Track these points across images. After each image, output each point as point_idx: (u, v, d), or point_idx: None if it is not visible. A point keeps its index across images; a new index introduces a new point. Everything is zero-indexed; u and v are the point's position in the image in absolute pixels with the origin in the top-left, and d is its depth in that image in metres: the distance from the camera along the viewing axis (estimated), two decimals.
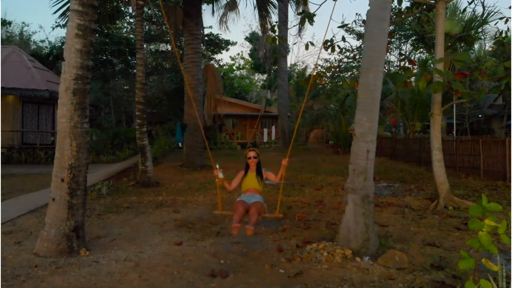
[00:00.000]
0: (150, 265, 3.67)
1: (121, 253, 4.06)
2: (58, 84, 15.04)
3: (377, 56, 3.66)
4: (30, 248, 4.18)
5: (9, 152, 15.40)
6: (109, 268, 3.60)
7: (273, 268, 3.61)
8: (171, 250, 4.19)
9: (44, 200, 7.09)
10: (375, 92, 3.70)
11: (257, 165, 4.33)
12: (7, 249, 4.19)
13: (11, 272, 3.49)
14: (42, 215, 6.07)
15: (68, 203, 3.90)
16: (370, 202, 3.78)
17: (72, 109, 3.87)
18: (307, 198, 7.69)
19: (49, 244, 3.87)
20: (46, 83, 17.17)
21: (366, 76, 3.70)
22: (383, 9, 3.73)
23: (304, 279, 3.32)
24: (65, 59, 3.89)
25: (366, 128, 3.70)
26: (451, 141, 13.48)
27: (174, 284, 3.22)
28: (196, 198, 7.60)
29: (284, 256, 3.93)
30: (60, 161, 3.92)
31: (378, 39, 3.65)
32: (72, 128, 3.88)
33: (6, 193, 7.78)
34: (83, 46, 3.86)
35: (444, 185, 6.71)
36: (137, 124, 9.01)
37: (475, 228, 1.98)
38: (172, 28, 13.90)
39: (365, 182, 3.76)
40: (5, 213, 5.89)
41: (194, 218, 5.81)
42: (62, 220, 3.88)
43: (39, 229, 4.99)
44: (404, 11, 7.55)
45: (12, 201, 6.99)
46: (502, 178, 9.94)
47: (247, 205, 4.00)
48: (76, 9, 3.85)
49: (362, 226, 3.78)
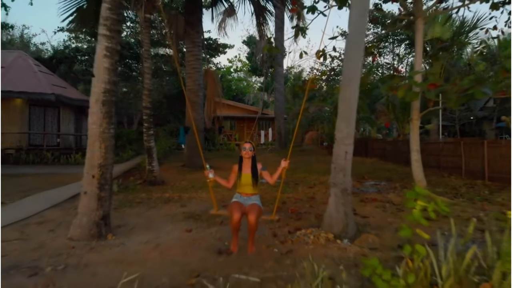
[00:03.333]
0: (168, 246, 4.45)
1: (142, 237, 4.84)
2: (63, 88, 16.04)
3: (353, 75, 4.46)
4: (63, 234, 4.94)
5: (17, 153, 16.08)
6: (134, 248, 4.38)
7: (269, 248, 4.39)
8: (183, 236, 4.97)
9: (62, 197, 7.88)
10: (352, 104, 4.50)
11: (252, 160, 4.15)
12: (43, 236, 4.95)
13: (54, 252, 4.26)
14: (64, 208, 6.84)
15: (97, 196, 4.67)
16: (348, 194, 4.58)
17: (101, 117, 4.64)
18: (300, 195, 8.48)
19: (81, 230, 4.64)
20: (52, 87, 17.87)
21: (345, 90, 4.51)
22: (359, 36, 4.53)
23: (293, 256, 4.11)
24: (95, 75, 4.67)
25: (345, 134, 4.51)
26: (437, 143, 14.34)
27: (189, 260, 4.00)
28: (200, 195, 8.39)
29: (278, 240, 4.72)
30: (90, 161, 4.69)
31: (354, 61, 4.46)
32: (101, 133, 4.66)
33: (26, 190, 8.53)
34: (110, 65, 4.64)
35: (421, 182, 7.53)
36: (144, 128, 9.77)
37: (410, 206, 2.78)
38: (173, 36, 14.68)
39: (344, 178, 4.57)
40: (32, 208, 6.65)
41: (199, 211, 6.59)
42: (93, 210, 4.65)
43: (66, 219, 5.78)
44: (388, 25, 8.37)
45: (34, 198, 7.74)
46: (481, 177, 10.78)
47: (244, 207, 4.00)
48: (104, 33, 4.63)
49: (342, 214, 4.59)
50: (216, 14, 16.93)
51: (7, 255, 4.14)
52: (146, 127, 9.69)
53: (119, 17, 4.70)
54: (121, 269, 3.46)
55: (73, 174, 11.71)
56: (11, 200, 7.42)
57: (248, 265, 3.78)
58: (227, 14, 16.85)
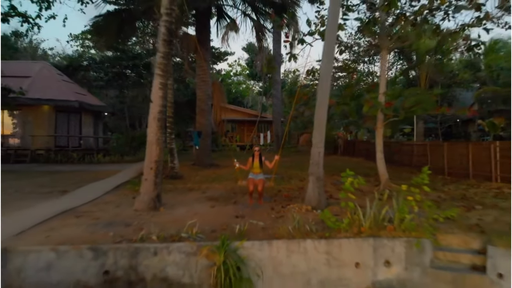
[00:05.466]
0: (202, 214, 6.77)
1: (182, 210, 7.17)
2: (84, 95, 19.25)
3: (324, 99, 6.79)
4: (127, 209, 7.24)
5: (47, 153, 18.36)
6: (181, 215, 6.70)
7: (268, 215, 6.73)
8: (209, 210, 7.30)
9: (108, 187, 10.18)
10: (322, 121, 6.84)
11: (259, 155, 7.41)
12: (114, 210, 7.24)
13: (129, 217, 6.55)
14: (115, 194, 9.16)
15: (154, 181, 7.00)
16: (320, 180, 6.92)
17: (156, 129, 6.97)
18: (292, 186, 10.79)
19: (143, 204, 6.96)
20: (75, 95, 20.18)
21: (318, 111, 6.86)
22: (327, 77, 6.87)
23: (283, 218, 6.44)
24: (152, 101, 6.99)
25: (318, 140, 6.84)
26: (410, 145, 16.73)
27: (219, 219, 6.31)
28: (214, 185, 10.71)
29: (274, 211, 7.06)
30: (149, 158, 7.00)
31: (324, 90, 6.80)
32: (156, 140, 6.98)
33: (75, 183, 10.80)
34: (163, 94, 6.97)
35: (384, 176, 9.88)
36: (167, 133, 12.06)
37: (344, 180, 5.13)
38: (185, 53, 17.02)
39: (318, 169, 6.91)
40: (91, 194, 8.92)
41: (217, 196, 8.92)
42: (151, 191, 6.98)
43: (122, 201, 8.11)
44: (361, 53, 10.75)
45: (87, 188, 10.04)
46: (442, 173, 13.15)
47: (255, 181, 7.28)
48: (158, 73, 6.95)
49: (316, 193, 6.93)
50: (220, 28, 19.26)
51: (99, 218, 6.46)
52: (169, 132, 12.01)
53: (168, 62, 7.02)
54: (179, 223, 5.79)
55: (102, 171, 14.03)
56: (70, 190, 9.72)
57: (255, 220, 6.13)
58: (230, 28, 19.21)
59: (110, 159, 18.03)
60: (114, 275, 4.65)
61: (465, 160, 12.34)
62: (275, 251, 4.94)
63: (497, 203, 7.98)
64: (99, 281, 4.61)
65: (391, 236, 5.20)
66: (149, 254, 4.73)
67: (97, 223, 6.08)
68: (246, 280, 4.65)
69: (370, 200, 5.89)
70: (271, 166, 7.37)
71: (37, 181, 11.57)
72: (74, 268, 4.62)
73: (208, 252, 4.62)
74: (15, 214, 6.58)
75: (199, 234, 5.18)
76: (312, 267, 4.92)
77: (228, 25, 18.88)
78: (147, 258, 4.72)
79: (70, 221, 6.25)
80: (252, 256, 4.84)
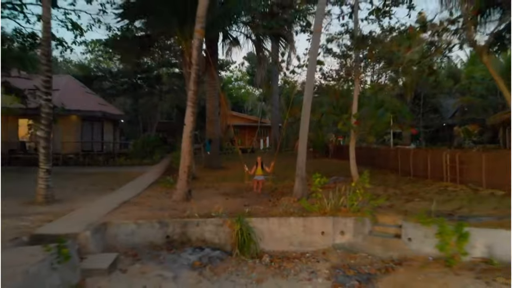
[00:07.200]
0: (220, 203, 9.71)
1: (206, 201, 10.10)
2: (106, 106, 23.60)
3: (306, 119, 9.78)
4: (167, 200, 10.20)
5: (76, 157, 21.30)
6: (205, 204, 9.63)
7: (266, 204, 9.70)
8: (225, 201, 10.25)
9: (144, 184, 13.14)
10: (305, 135, 9.82)
11: (261, 163, 10.48)
12: (158, 200, 10.20)
13: (170, 206, 9.49)
14: (152, 189, 12.13)
15: (186, 180, 9.97)
16: (304, 179, 9.90)
17: (188, 143, 9.95)
18: (286, 185, 13.73)
19: (179, 196, 9.93)
20: (98, 106, 23.14)
21: (302, 127, 9.84)
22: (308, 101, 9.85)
23: (277, 206, 9.41)
24: (186, 123, 9.95)
25: (301, 149, 9.83)
26: (387, 150, 19.73)
27: (233, 207, 9.27)
28: (224, 184, 13.68)
29: (271, 202, 10.03)
30: (183, 163, 9.97)
31: (306, 112, 9.76)
32: (188, 151, 9.95)
33: (117, 182, 13.74)
34: (193, 119, 9.94)
35: (356, 176, 12.86)
36: None
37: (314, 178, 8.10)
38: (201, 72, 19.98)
39: (302, 172, 9.88)
40: (135, 190, 11.84)
41: (228, 191, 11.88)
42: (184, 187, 9.96)
43: (159, 194, 11.08)
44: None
45: (129, 185, 12.98)
46: (409, 175, 16.11)
47: (258, 181, 10.47)
48: (190, 104, 9.92)
49: (301, 189, 9.90)
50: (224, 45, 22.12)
51: (151, 205, 9.42)
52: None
53: (196, 95, 9.98)
54: (206, 208, 8.76)
55: (129, 172, 16.99)
56: (115, 187, 12.64)
57: (258, 206, 9.12)
58: (233, 44, 22.19)
59: (131, 162, 20.97)
60: (172, 238, 7.61)
61: (425, 164, 15.32)
62: (270, 224, 7.90)
63: (433, 197, 10.95)
64: (164, 242, 7.57)
65: (345, 215, 8.17)
66: (194, 225, 7.70)
67: (152, 208, 9.05)
68: (253, 242, 7.59)
69: (333, 193, 8.88)
70: (269, 171, 10.34)
71: (82, 181, 14.48)
72: (147, 234, 7.58)
73: (230, 223, 7.58)
74: (94, 203, 9.55)
75: (223, 214, 8.16)
76: (294, 234, 7.88)
77: (231, 42, 21.89)
78: (192, 227, 7.69)
79: (133, 207, 9.21)
80: (257, 227, 7.79)
